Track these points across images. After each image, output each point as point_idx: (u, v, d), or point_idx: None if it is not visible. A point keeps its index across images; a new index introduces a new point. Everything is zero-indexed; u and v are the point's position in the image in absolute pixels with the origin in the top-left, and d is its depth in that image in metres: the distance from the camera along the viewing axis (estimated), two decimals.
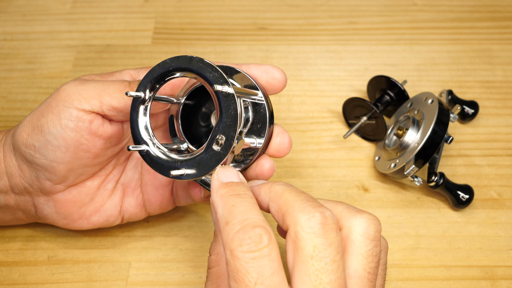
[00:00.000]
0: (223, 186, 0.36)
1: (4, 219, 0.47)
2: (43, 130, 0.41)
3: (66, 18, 0.69)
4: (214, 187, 0.36)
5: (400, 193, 0.53)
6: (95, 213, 0.46)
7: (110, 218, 0.46)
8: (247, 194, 0.35)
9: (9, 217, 0.47)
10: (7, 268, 0.47)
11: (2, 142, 0.44)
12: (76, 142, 0.41)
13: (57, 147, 0.41)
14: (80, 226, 0.46)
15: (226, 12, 0.70)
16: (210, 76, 0.37)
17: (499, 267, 0.48)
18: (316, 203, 0.34)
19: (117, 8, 0.70)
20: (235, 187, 0.36)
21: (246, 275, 0.32)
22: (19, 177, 0.43)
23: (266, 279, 0.32)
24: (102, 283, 0.47)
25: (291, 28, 0.68)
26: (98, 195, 0.45)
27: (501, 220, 0.51)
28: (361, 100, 0.55)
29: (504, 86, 0.62)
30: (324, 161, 0.56)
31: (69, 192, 0.44)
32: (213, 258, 0.38)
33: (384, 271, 0.38)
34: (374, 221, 0.36)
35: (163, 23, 0.69)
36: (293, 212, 0.34)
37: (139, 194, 0.47)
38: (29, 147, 0.42)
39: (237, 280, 0.32)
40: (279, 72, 0.42)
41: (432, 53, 0.65)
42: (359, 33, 0.68)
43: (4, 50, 0.65)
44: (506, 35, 0.67)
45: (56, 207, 0.44)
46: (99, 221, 0.46)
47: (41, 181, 0.43)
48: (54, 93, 0.42)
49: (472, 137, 0.57)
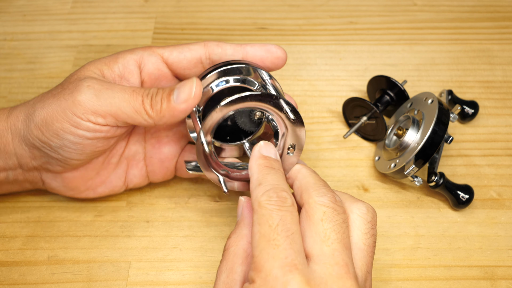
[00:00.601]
0: (262, 157, 0.41)
1: (11, 190, 0.50)
2: (59, 135, 0.43)
3: (66, 18, 0.69)
4: (255, 156, 0.41)
5: (400, 193, 0.53)
6: (100, 185, 0.49)
7: (115, 188, 0.50)
8: (279, 170, 0.41)
9: (16, 188, 0.50)
10: (7, 268, 0.47)
11: (8, 124, 0.45)
12: (93, 146, 0.44)
13: (73, 150, 0.44)
14: (86, 196, 0.50)
15: (226, 12, 0.70)
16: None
17: (499, 267, 0.48)
18: (329, 188, 0.40)
19: (117, 8, 0.70)
20: (271, 161, 0.41)
21: (269, 219, 0.36)
22: (29, 158, 0.46)
23: (287, 224, 0.36)
24: (102, 283, 0.47)
25: (291, 28, 0.68)
26: (103, 169, 0.49)
27: (501, 220, 0.51)
28: (361, 100, 0.55)
29: (504, 86, 0.62)
30: (324, 161, 0.56)
31: (77, 170, 0.47)
32: (232, 239, 0.41)
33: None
34: (371, 208, 0.41)
35: (163, 23, 0.69)
36: (310, 190, 0.40)
37: (143, 166, 0.50)
38: (45, 143, 0.44)
39: (261, 222, 0.37)
40: (282, 51, 0.47)
41: (432, 53, 0.65)
42: (359, 33, 0.68)
43: (4, 50, 0.65)
44: (506, 35, 0.67)
45: (63, 182, 0.48)
46: (105, 191, 0.50)
47: (53, 165, 0.46)
48: (67, 95, 0.43)
49: (472, 137, 0.57)
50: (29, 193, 0.52)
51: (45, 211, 0.51)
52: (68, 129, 0.43)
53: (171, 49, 0.47)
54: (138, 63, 0.47)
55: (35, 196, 0.52)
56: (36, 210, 0.51)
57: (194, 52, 0.47)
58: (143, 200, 0.52)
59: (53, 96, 0.44)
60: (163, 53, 0.47)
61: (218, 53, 0.47)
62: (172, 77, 0.48)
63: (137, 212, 0.51)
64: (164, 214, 0.51)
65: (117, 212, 0.51)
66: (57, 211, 0.51)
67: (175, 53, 0.47)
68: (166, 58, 0.47)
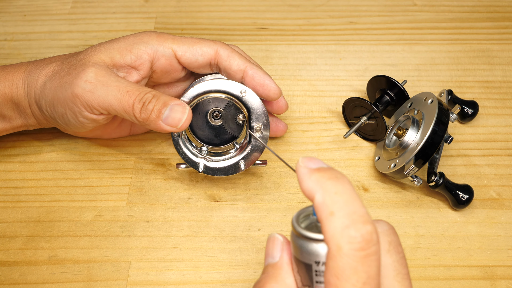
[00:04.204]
0: (316, 171, 0.32)
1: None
2: (64, 117, 0.49)
3: (67, 18, 0.69)
4: (304, 174, 0.32)
5: (400, 193, 0.53)
6: (110, 133, 0.56)
7: (122, 133, 0.57)
8: (345, 179, 0.32)
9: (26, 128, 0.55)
10: (7, 268, 0.48)
11: (26, 91, 0.50)
12: (94, 127, 0.51)
13: (77, 127, 0.50)
14: (85, 135, 0.56)
15: (226, 12, 0.70)
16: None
17: (498, 267, 0.48)
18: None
19: (118, 8, 0.70)
20: (331, 171, 0.33)
21: (354, 274, 0.30)
22: (44, 120, 0.52)
23: (373, 280, 0.30)
24: (102, 283, 0.47)
25: (291, 28, 0.68)
26: (110, 126, 0.55)
27: (500, 220, 0.51)
28: (361, 100, 0.55)
29: (503, 86, 0.62)
30: (324, 161, 0.55)
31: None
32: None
33: None
34: None
35: (163, 23, 0.69)
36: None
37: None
38: (54, 118, 0.50)
39: (342, 278, 0.30)
40: (277, 90, 0.51)
41: (432, 53, 0.65)
42: (359, 33, 0.68)
43: (4, 50, 0.65)
44: (505, 35, 0.67)
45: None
46: (112, 135, 0.57)
47: (65, 129, 0.53)
48: (67, 85, 0.48)
49: (472, 137, 0.57)
50: (29, 193, 0.52)
51: (45, 211, 0.51)
52: (69, 114, 0.49)
53: (185, 49, 0.50)
54: (151, 57, 0.50)
55: (36, 196, 0.52)
56: (36, 210, 0.51)
57: (206, 57, 0.50)
58: (143, 200, 0.52)
59: (60, 78, 0.48)
60: (176, 50, 0.50)
61: (225, 66, 0.50)
62: (182, 69, 0.52)
63: (137, 212, 0.51)
64: (164, 214, 0.51)
65: (117, 212, 0.51)
66: (57, 211, 0.51)
67: (188, 54, 0.50)
68: (179, 57, 0.50)
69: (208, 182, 0.54)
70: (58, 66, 0.50)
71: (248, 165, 0.50)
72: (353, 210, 0.30)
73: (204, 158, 0.51)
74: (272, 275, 0.34)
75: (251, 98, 0.50)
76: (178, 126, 0.46)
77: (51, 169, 0.54)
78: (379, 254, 0.31)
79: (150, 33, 0.51)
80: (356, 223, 0.30)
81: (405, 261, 0.34)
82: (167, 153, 0.56)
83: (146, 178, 0.54)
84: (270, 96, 0.51)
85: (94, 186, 0.53)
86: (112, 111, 0.47)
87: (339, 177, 0.32)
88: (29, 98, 0.50)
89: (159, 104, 0.46)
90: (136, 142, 0.57)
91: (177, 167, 0.52)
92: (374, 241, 0.30)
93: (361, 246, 0.30)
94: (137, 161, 0.55)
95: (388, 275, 0.33)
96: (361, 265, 0.30)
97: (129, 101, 0.46)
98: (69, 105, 0.48)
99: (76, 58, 0.50)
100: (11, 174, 0.54)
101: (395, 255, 0.33)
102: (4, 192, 0.53)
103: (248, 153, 0.50)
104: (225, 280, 0.47)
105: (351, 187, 0.32)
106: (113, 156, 0.55)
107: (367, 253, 0.30)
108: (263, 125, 0.50)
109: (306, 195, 0.32)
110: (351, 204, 0.31)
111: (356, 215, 0.30)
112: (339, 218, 0.30)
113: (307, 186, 0.32)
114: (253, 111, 0.49)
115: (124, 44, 0.50)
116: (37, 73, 0.50)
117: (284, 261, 0.34)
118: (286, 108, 0.53)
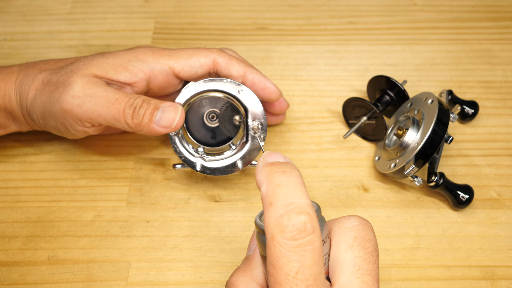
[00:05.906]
0: (268, 165, 0.34)
1: None
2: (56, 129, 0.49)
3: (66, 18, 0.69)
4: (259, 167, 0.35)
5: (400, 193, 0.53)
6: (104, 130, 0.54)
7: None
8: (293, 172, 0.33)
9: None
10: (7, 268, 0.47)
11: (18, 102, 0.49)
12: (86, 135, 0.50)
13: (72, 136, 0.50)
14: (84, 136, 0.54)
15: (226, 12, 0.70)
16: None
17: (499, 267, 0.48)
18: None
19: (117, 8, 0.70)
20: (281, 165, 0.34)
21: (287, 263, 0.31)
22: (38, 127, 0.51)
23: (307, 270, 0.31)
24: (102, 283, 0.47)
25: (291, 28, 0.68)
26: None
27: (501, 220, 0.51)
28: (361, 100, 0.55)
29: (504, 86, 0.62)
30: (324, 161, 0.56)
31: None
32: (239, 279, 0.37)
33: None
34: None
35: (163, 23, 0.69)
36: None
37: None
38: (46, 128, 0.50)
39: (276, 267, 0.31)
40: (277, 92, 0.52)
41: (432, 53, 0.65)
42: (359, 33, 0.68)
43: (4, 50, 0.65)
44: (506, 35, 0.67)
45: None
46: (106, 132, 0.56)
47: (61, 135, 0.52)
48: (55, 100, 0.47)
49: (472, 137, 0.57)
50: (28, 193, 0.52)
51: (44, 211, 0.51)
52: (61, 127, 0.49)
53: (182, 63, 0.49)
54: (148, 76, 0.49)
55: (35, 196, 0.52)
56: (36, 210, 0.51)
57: (204, 68, 0.50)
58: (143, 200, 0.52)
59: (49, 93, 0.48)
60: (174, 66, 0.49)
61: (224, 74, 0.51)
62: (179, 82, 0.52)
63: (137, 212, 0.51)
64: (164, 214, 0.51)
65: (117, 212, 0.51)
66: (57, 211, 0.51)
67: (186, 68, 0.50)
68: (177, 73, 0.50)
69: (207, 182, 0.54)
70: (48, 77, 0.49)
71: (245, 164, 0.50)
72: (290, 201, 0.31)
73: (201, 157, 0.51)
74: (243, 267, 0.36)
75: (248, 96, 0.49)
76: (172, 125, 0.46)
77: (51, 169, 0.54)
78: (317, 244, 0.31)
79: (145, 50, 0.50)
80: (290, 213, 0.31)
81: (374, 258, 0.34)
82: (167, 153, 0.56)
83: (146, 178, 0.54)
84: (271, 99, 0.52)
85: (94, 186, 0.53)
86: (103, 121, 0.47)
87: (287, 171, 0.33)
88: (21, 109, 0.50)
89: (150, 108, 0.46)
90: (136, 142, 0.57)
91: (173, 167, 0.52)
92: (309, 231, 0.31)
93: (292, 235, 0.30)
94: (137, 161, 0.55)
95: (345, 270, 0.34)
96: (293, 254, 0.30)
97: (119, 109, 0.46)
98: (59, 119, 0.48)
99: (65, 70, 0.49)
100: (11, 174, 0.54)
101: (358, 250, 0.34)
102: (4, 192, 0.53)
103: (245, 152, 0.50)
104: (225, 280, 0.47)
105: (296, 180, 0.33)
106: (113, 156, 0.55)
107: (300, 242, 0.30)
108: (261, 124, 0.50)
109: (258, 188, 0.34)
110: (290, 195, 0.32)
111: (293, 206, 0.31)
112: (275, 208, 0.31)
113: (257, 179, 0.34)
114: (250, 110, 0.49)
115: (119, 60, 0.49)
116: (28, 84, 0.49)
117: (255, 254, 0.36)
118: (287, 107, 0.55)
